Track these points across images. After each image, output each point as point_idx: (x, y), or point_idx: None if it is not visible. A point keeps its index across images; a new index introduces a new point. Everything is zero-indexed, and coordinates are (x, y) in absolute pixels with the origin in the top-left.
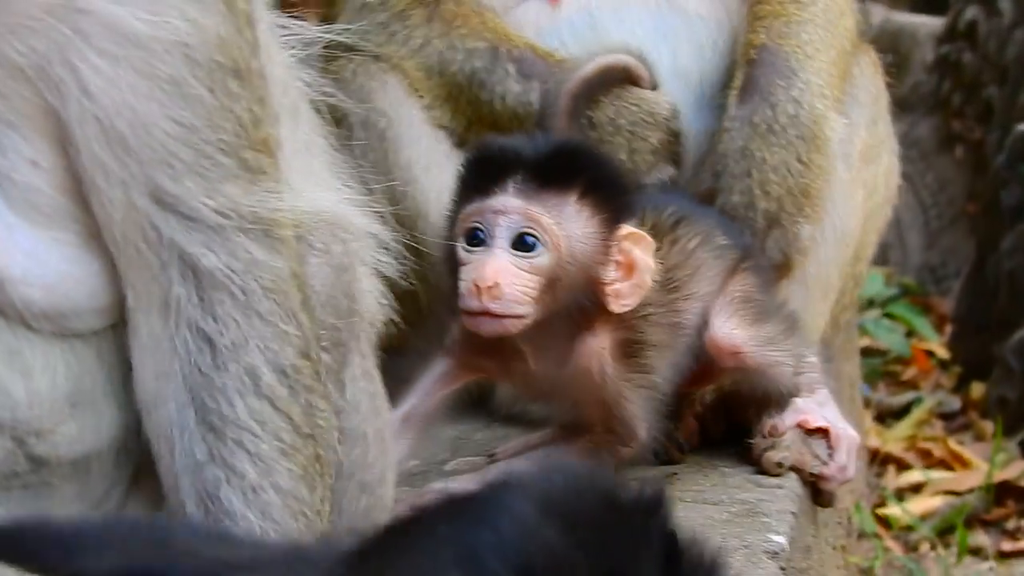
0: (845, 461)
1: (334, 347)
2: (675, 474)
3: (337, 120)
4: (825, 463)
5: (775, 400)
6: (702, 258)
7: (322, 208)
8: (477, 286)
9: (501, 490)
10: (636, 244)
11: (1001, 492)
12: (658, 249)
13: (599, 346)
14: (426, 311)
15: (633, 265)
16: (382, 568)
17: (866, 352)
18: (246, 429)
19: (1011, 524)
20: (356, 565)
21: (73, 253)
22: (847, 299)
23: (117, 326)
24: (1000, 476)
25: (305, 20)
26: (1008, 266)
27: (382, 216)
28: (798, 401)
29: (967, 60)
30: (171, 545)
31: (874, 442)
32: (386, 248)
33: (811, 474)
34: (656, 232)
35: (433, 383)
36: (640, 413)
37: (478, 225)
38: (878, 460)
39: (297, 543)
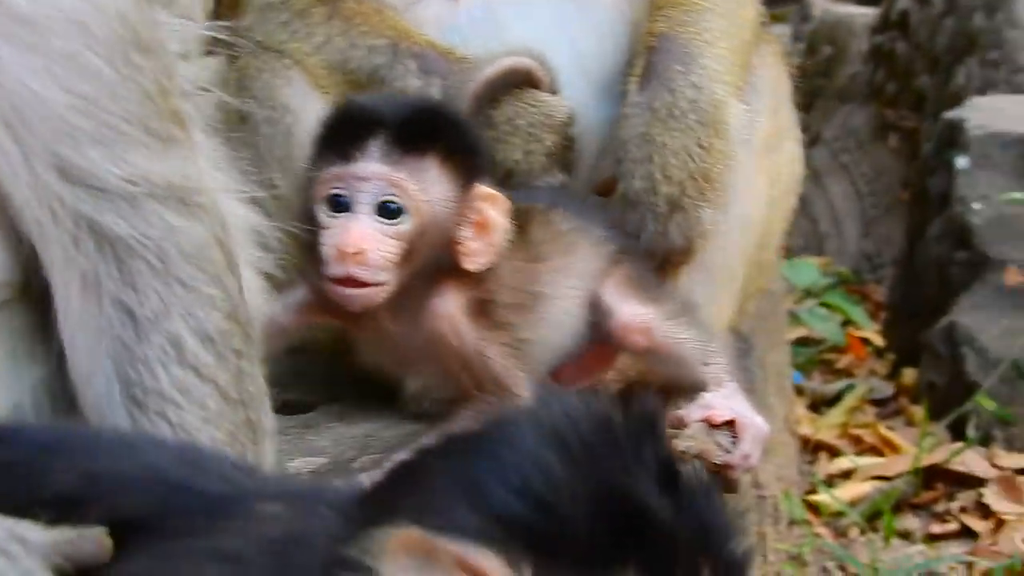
0: (749, 450)
1: None
2: None
3: (242, 118)
4: (729, 451)
5: (683, 390)
6: (575, 240)
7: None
8: (342, 252)
9: (501, 423)
10: (491, 204)
11: (930, 476)
12: (526, 225)
13: (453, 305)
14: None
15: (487, 224)
16: (393, 506)
17: (802, 341)
18: (169, 400)
19: (940, 507)
20: (368, 505)
21: None
22: (753, 287)
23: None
24: (929, 460)
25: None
26: (935, 252)
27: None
28: (705, 395)
29: (900, 50)
30: (199, 461)
31: (806, 430)
32: (266, 246)
33: (714, 463)
34: (527, 212)
35: (291, 305)
36: (508, 369)
37: (340, 191)
38: (810, 448)
39: (314, 482)
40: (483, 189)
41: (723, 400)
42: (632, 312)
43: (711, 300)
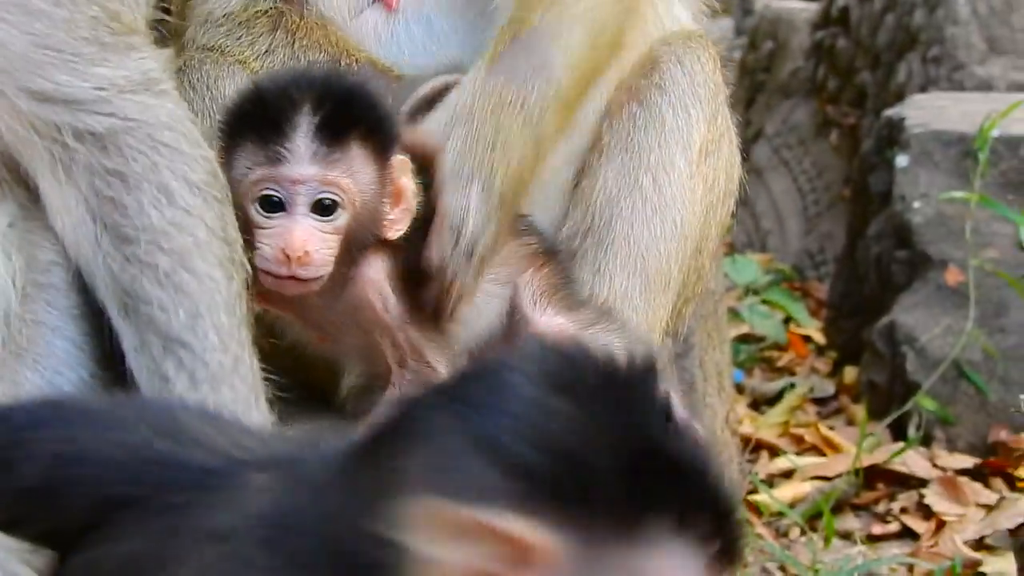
0: None
1: None
2: None
3: None
4: None
5: None
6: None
7: None
8: (286, 255)
9: (499, 372)
10: (403, 171)
11: (871, 476)
12: None
13: (378, 271)
14: None
15: (401, 191)
16: (400, 472)
17: (744, 339)
18: (161, 231)
19: (881, 507)
20: (368, 469)
21: None
22: (689, 291)
23: None
24: (869, 460)
25: None
26: (876, 251)
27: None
28: None
29: (841, 46)
30: (181, 430)
31: (747, 429)
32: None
33: None
34: None
35: None
36: (431, 341)
37: (274, 191)
38: (751, 447)
39: (305, 436)
40: (396, 158)
41: None
42: (547, 322)
43: (647, 305)
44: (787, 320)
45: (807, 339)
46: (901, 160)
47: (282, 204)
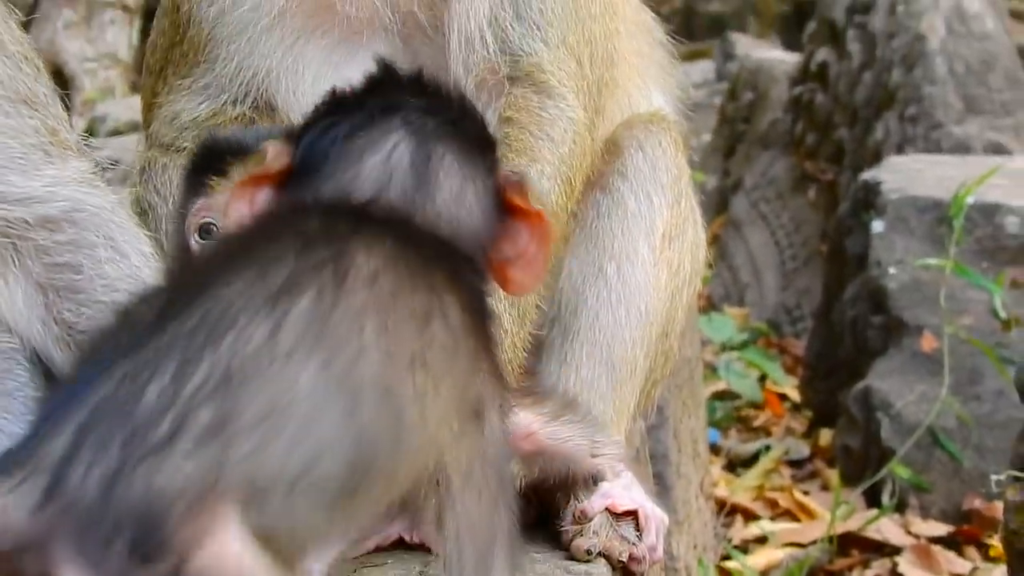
0: (654, 541)
1: None
2: None
3: (143, 209)
4: (635, 544)
5: (580, 484)
6: None
7: None
8: None
9: None
10: None
11: (845, 542)
12: None
13: None
14: None
15: None
16: None
17: (720, 395)
18: (112, 288)
19: (855, 574)
20: None
21: None
22: (657, 374)
23: None
24: (844, 527)
25: None
26: (851, 314)
27: None
28: (604, 485)
29: (819, 101)
30: None
31: (723, 492)
32: None
33: (619, 560)
34: None
35: None
36: None
37: (211, 219)
38: (726, 510)
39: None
40: None
41: (623, 490)
42: (519, 422)
43: (614, 393)
44: (763, 377)
45: (783, 397)
46: (877, 225)
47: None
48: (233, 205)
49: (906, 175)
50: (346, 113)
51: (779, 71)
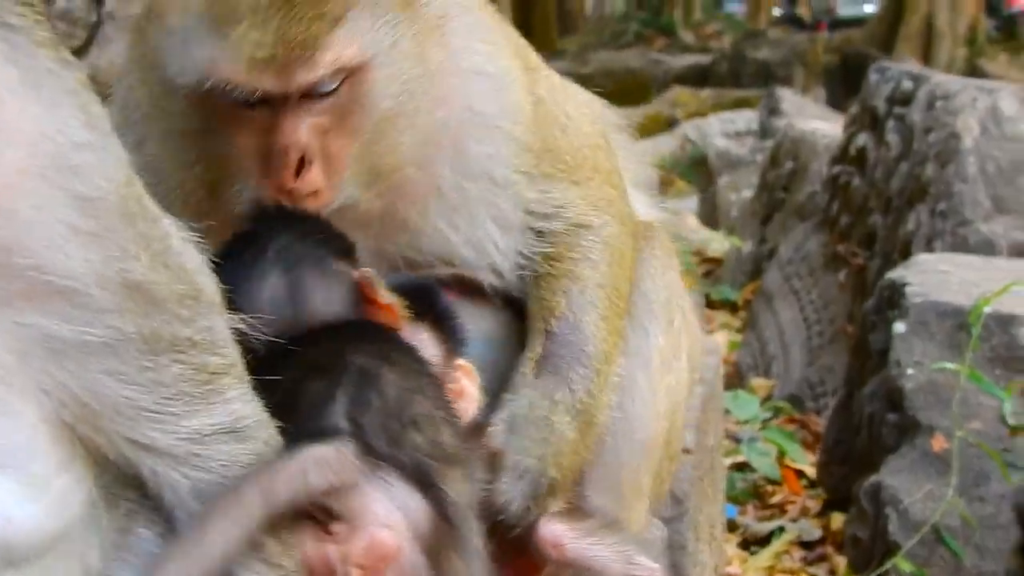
0: None
1: None
2: None
3: None
4: None
5: None
6: None
7: None
8: None
9: None
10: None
11: None
12: None
13: None
14: None
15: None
16: None
17: (740, 467)
18: None
19: None
20: None
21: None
22: (663, 479)
23: None
24: None
25: None
26: (869, 410)
27: None
28: None
29: (855, 185)
30: None
31: (736, 571)
32: None
33: None
34: None
35: None
36: None
37: None
38: None
39: None
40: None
41: None
42: (548, 528)
43: (623, 511)
44: (783, 453)
45: (800, 474)
46: (899, 326)
47: None
48: None
49: (931, 277)
50: (232, 260)
51: (821, 145)
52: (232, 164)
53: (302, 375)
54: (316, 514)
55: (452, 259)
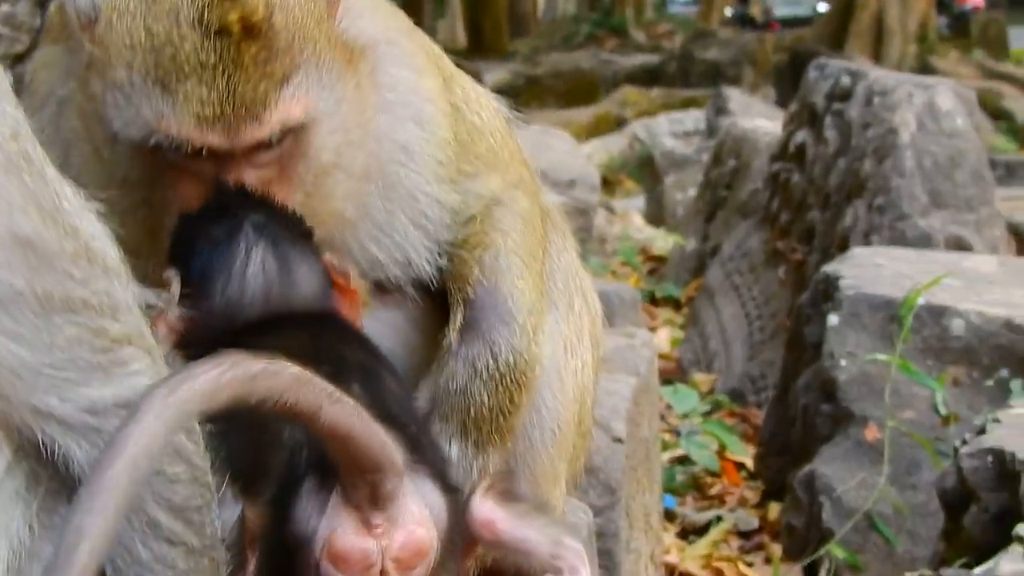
0: None
1: None
2: None
3: None
4: None
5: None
6: None
7: None
8: None
9: None
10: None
11: None
12: None
13: None
14: None
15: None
16: None
17: (681, 460)
18: (147, 568)
19: None
20: None
21: None
22: (577, 460)
23: None
24: None
25: None
26: (804, 401)
27: None
28: None
29: (795, 181)
30: None
31: (673, 559)
32: None
33: None
34: None
35: None
36: None
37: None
38: None
39: None
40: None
41: None
42: (480, 510)
43: (539, 498)
44: (723, 447)
45: (740, 466)
46: (833, 319)
47: None
48: (163, 338)
49: (865, 270)
50: (207, 238)
51: (763, 143)
52: (175, 211)
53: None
54: (362, 504)
55: (376, 272)
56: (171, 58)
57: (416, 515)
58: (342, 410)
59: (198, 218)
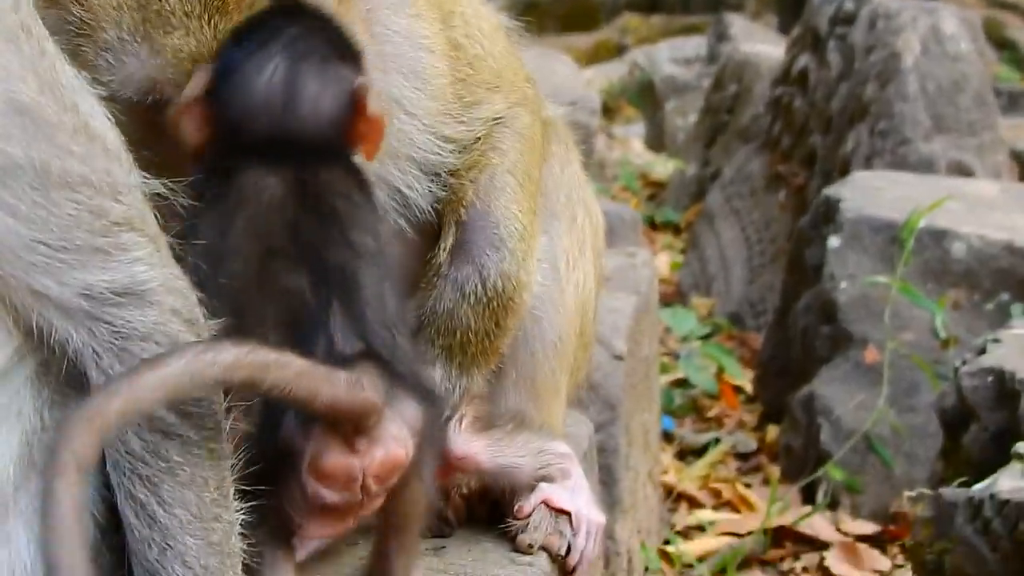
0: (583, 544)
1: None
2: (443, 547)
3: None
4: (571, 540)
5: (525, 490)
6: None
7: None
8: None
9: None
10: None
11: (779, 535)
12: None
13: None
14: None
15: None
16: None
17: (680, 383)
18: (139, 457)
19: (785, 566)
20: None
21: None
22: (580, 374)
23: None
24: (779, 521)
25: None
26: (803, 323)
27: None
28: (544, 485)
29: (797, 105)
30: None
31: (671, 479)
32: None
33: (557, 554)
34: None
35: None
36: None
37: None
38: (673, 497)
39: None
40: None
41: (563, 492)
42: (461, 445)
43: (541, 413)
44: (722, 369)
45: (738, 389)
46: (833, 241)
47: None
48: (181, 124)
49: (866, 193)
50: (243, 42)
51: (764, 67)
52: (172, 171)
53: (257, 254)
54: (346, 431)
55: None
56: (157, 13)
57: (395, 434)
58: (333, 390)
59: (246, 23)
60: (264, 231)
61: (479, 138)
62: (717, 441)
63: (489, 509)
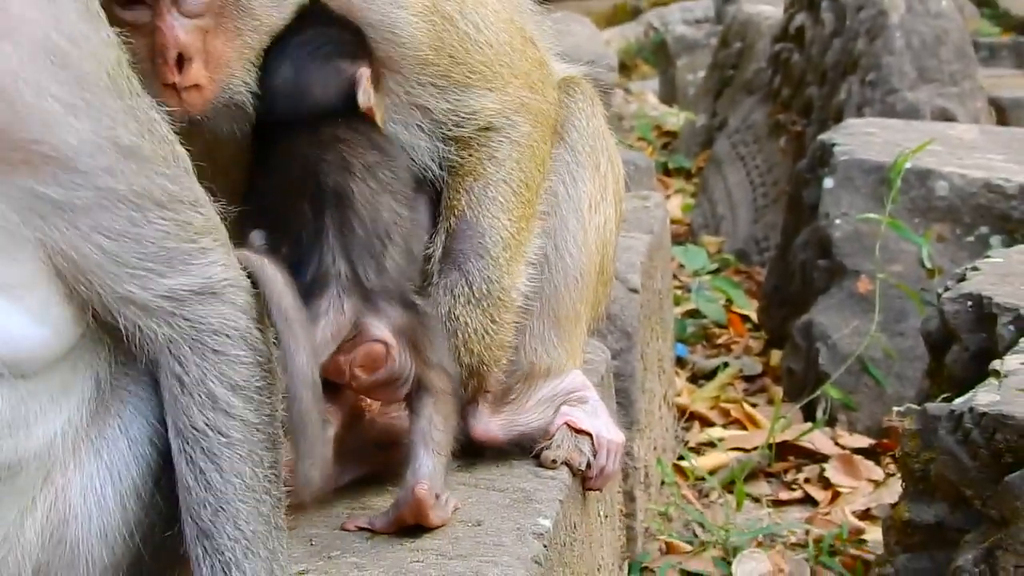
0: (604, 462)
1: None
2: (474, 463)
3: None
4: (591, 458)
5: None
6: None
7: None
8: None
9: None
10: None
11: (782, 449)
12: None
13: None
14: None
15: None
16: None
17: (692, 314)
18: (202, 433)
19: (788, 477)
20: None
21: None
22: (600, 305)
23: None
24: (782, 436)
25: None
26: (802, 257)
27: None
28: (565, 408)
29: (795, 60)
30: None
31: (684, 401)
32: None
33: (578, 469)
34: None
35: None
36: None
37: None
38: (686, 417)
39: None
40: None
41: (583, 415)
42: (479, 428)
43: (562, 342)
44: (730, 301)
45: (745, 319)
46: (828, 182)
47: None
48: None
49: (858, 138)
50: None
51: (765, 26)
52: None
53: (282, 189)
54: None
55: None
56: None
57: (374, 333)
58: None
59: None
60: (286, 173)
61: (472, 141)
62: (726, 365)
63: None
